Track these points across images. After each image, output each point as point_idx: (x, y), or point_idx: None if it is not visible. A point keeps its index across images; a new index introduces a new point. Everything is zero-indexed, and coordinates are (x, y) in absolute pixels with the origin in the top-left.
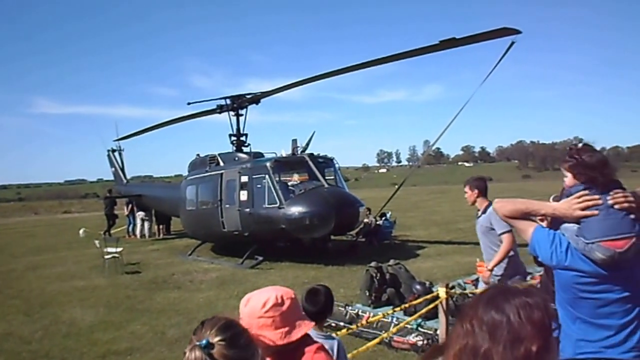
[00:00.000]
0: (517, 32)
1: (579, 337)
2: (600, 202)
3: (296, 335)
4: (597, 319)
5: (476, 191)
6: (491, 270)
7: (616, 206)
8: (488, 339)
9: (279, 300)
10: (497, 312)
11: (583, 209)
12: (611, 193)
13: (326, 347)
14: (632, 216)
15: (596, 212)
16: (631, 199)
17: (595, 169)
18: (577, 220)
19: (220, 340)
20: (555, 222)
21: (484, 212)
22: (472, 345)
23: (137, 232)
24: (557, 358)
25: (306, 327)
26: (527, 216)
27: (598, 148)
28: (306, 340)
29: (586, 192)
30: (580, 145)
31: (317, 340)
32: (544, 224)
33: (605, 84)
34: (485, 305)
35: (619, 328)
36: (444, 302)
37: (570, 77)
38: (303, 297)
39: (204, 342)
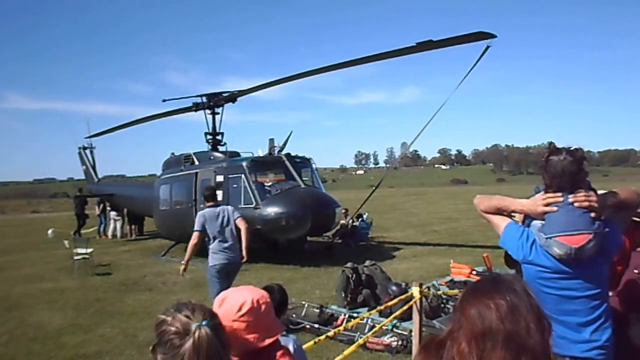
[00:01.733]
0: (493, 36)
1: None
2: (561, 199)
3: (269, 340)
4: (560, 316)
5: None
6: None
7: (576, 204)
8: (496, 319)
9: (255, 305)
10: (510, 294)
11: (545, 206)
12: (576, 192)
13: (290, 345)
14: (592, 214)
15: (555, 208)
16: (593, 198)
17: (556, 171)
18: (543, 217)
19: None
20: (528, 219)
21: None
22: (490, 327)
23: (109, 232)
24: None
25: (278, 332)
26: (500, 212)
27: None
28: (274, 343)
29: (551, 190)
30: (551, 148)
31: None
32: (518, 219)
33: (577, 91)
34: (494, 287)
35: (582, 325)
36: (417, 302)
37: (545, 83)
38: None
39: (206, 322)
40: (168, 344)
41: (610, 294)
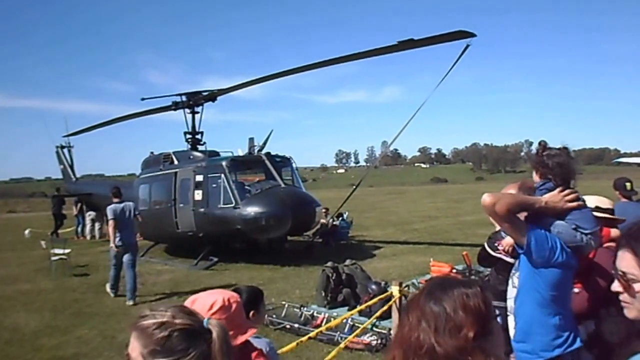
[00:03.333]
0: (472, 35)
1: (568, 330)
2: (577, 194)
3: (241, 339)
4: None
5: None
6: None
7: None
8: (430, 330)
9: (226, 304)
10: (435, 304)
11: (571, 201)
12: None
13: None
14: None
15: (582, 202)
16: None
17: (553, 168)
18: (558, 216)
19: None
20: (533, 217)
21: None
22: (416, 337)
23: (87, 232)
24: (501, 342)
25: (250, 332)
26: (524, 210)
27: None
28: (247, 345)
29: (562, 187)
30: (544, 146)
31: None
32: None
33: (554, 89)
34: (425, 298)
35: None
36: (397, 301)
37: (522, 82)
38: None
39: (208, 318)
40: (177, 346)
41: (577, 290)
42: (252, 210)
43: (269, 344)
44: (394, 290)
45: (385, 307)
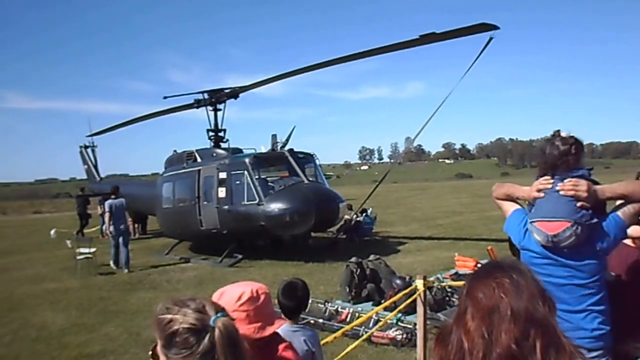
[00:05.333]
0: (496, 27)
1: None
2: (549, 186)
3: (270, 330)
4: None
5: None
6: None
7: (561, 192)
8: (517, 296)
9: (254, 295)
10: (514, 276)
11: (538, 192)
12: (565, 180)
13: (301, 338)
14: (579, 203)
15: (542, 194)
16: (581, 187)
17: (544, 156)
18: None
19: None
20: (529, 205)
21: None
22: (487, 304)
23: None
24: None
25: (279, 323)
26: (509, 198)
27: None
28: (276, 337)
29: (547, 177)
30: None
31: (293, 332)
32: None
33: (580, 84)
34: (489, 273)
35: (571, 313)
36: (422, 295)
37: (548, 76)
38: (280, 291)
39: (221, 313)
40: (183, 342)
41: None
42: (275, 206)
43: (314, 335)
44: (419, 283)
45: (409, 301)
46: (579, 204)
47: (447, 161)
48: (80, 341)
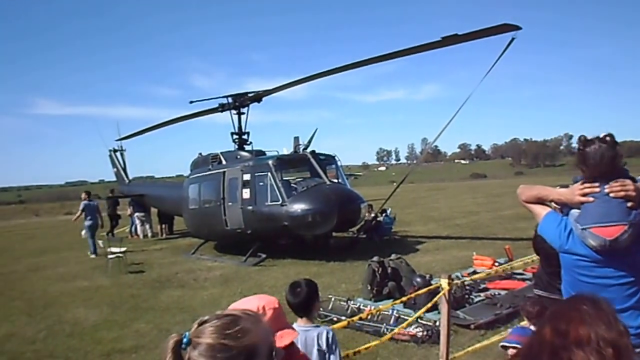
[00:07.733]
0: (518, 28)
1: None
2: (597, 190)
3: (278, 344)
4: None
5: None
6: None
7: (611, 194)
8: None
9: (261, 311)
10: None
11: (582, 196)
12: (612, 182)
13: (314, 334)
14: (629, 204)
15: (591, 199)
16: (629, 187)
17: (586, 160)
18: (579, 207)
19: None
20: (566, 208)
21: None
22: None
23: (139, 232)
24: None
25: (289, 337)
26: (540, 201)
27: None
28: (292, 348)
29: (590, 180)
30: (583, 140)
31: (306, 331)
32: (557, 209)
33: (593, 82)
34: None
35: (617, 313)
36: (446, 294)
37: (560, 77)
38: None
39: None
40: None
41: None
42: (298, 207)
43: (328, 331)
44: (443, 283)
45: (435, 299)
46: (629, 204)
47: (462, 162)
48: (112, 337)
